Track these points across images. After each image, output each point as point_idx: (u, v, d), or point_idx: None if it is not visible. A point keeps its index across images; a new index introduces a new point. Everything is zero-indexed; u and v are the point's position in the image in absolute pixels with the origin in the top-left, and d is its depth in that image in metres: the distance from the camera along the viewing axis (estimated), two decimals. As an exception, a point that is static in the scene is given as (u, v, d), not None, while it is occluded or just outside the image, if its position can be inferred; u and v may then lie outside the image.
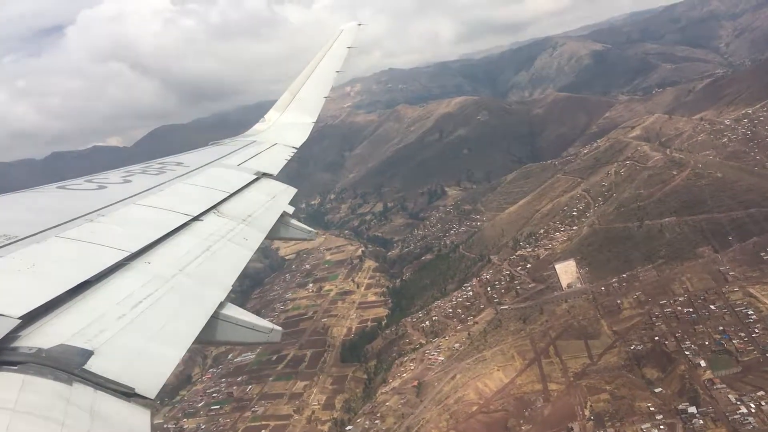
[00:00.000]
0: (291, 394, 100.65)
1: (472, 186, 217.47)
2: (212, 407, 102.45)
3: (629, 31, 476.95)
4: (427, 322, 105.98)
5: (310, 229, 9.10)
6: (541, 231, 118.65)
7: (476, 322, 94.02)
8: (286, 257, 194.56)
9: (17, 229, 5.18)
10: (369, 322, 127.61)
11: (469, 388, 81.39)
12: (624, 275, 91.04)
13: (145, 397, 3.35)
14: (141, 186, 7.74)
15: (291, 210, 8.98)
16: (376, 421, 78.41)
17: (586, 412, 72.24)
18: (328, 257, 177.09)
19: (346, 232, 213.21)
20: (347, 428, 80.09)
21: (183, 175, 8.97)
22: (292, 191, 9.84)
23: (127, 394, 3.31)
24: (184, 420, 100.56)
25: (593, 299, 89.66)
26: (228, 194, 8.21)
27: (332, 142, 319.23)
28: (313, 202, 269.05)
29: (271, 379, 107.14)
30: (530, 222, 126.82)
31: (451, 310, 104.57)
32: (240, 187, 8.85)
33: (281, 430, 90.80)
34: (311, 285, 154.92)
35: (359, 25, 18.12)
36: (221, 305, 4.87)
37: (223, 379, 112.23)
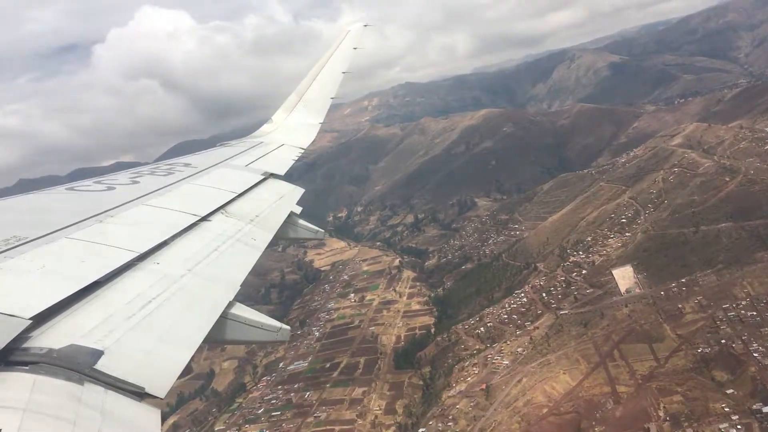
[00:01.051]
0: (351, 400, 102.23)
1: (502, 197, 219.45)
2: (273, 413, 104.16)
3: (646, 42, 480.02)
4: (482, 329, 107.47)
5: (317, 228, 9.23)
6: (589, 238, 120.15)
7: (536, 327, 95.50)
8: (321, 269, 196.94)
9: (27, 231, 5.24)
10: (417, 330, 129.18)
11: (536, 391, 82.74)
12: (683, 280, 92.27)
13: (156, 397, 3.44)
14: (149, 187, 7.84)
15: (299, 210, 9.12)
16: (449, 424, 79.91)
17: (661, 413, 73.27)
18: (366, 268, 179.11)
19: (378, 243, 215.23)
20: (420, 431, 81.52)
21: (191, 176, 9.06)
22: (299, 191, 9.95)
23: (137, 393, 3.39)
24: (246, 426, 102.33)
25: (653, 304, 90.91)
26: (236, 194, 8.30)
27: (357, 155, 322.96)
28: (339, 215, 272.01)
29: (328, 385, 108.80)
30: (576, 230, 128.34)
31: (506, 317, 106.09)
32: (247, 187, 8.95)
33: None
34: (353, 295, 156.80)
35: (365, 26, 18.32)
36: (230, 305, 4.96)
37: (279, 387, 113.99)
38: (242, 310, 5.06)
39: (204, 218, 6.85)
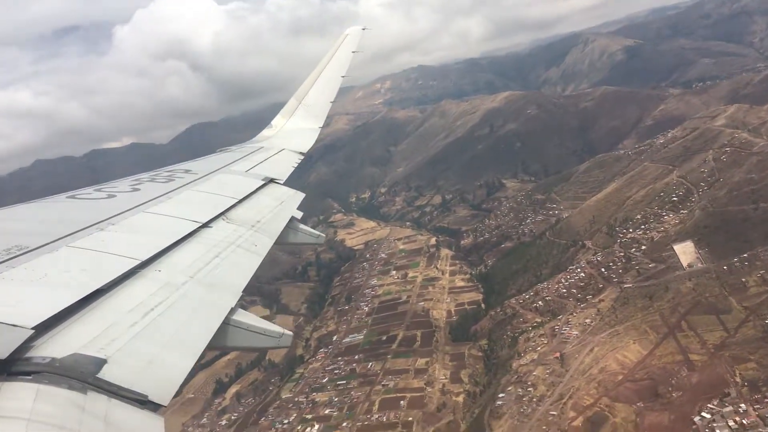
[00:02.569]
0: (415, 370, 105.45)
1: (530, 178, 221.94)
2: (338, 382, 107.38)
3: (659, 27, 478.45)
4: (540, 303, 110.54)
5: (318, 233, 9.44)
6: (638, 216, 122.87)
7: (602, 300, 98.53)
8: (354, 248, 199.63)
9: (29, 240, 5.25)
10: (466, 305, 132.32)
11: (609, 360, 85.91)
12: (744, 255, 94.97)
13: (159, 404, 3.47)
14: (150, 194, 7.87)
15: (299, 215, 9.15)
16: (529, 389, 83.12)
17: (737, 379, 76.49)
18: (402, 246, 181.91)
19: (408, 223, 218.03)
20: (499, 395, 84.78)
21: (191, 182, 9.12)
22: (300, 196, 9.99)
23: (140, 401, 3.40)
24: (314, 394, 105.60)
25: (717, 278, 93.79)
26: (236, 201, 8.35)
27: (376, 137, 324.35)
28: (363, 196, 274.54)
29: (389, 356, 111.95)
30: (622, 208, 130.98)
31: (564, 291, 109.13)
32: (248, 193, 9.00)
33: (419, 401, 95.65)
34: (394, 272, 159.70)
35: (363, 29, 18.23)
36: (232, 311, 4.99)
37: (339, 358, 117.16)
38: (244, 317, 5.10)
39: (205, 225, 6.89)
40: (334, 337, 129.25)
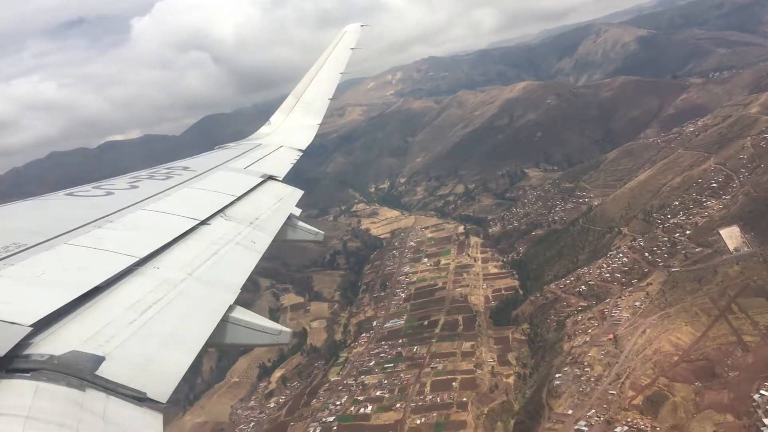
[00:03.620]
0: (462, 353, 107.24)
1: (553, 168, 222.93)
2: (385, 365, 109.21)
3: (671, 17, 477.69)
4: (583, 287, 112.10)
5: (317, 230, 9.47)
6: (676, 203, 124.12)
7: (650, 284, 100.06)
8: (381, 236, 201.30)
9: (27, 238, 5.25)
10: (503, 291, 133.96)
11: (662, 341, 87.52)
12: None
13: (157, 402, 3.51)
14: (148, 191, 7.86)
15: (298, 212, 9.23)
16: (586, 369, 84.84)
17: (794, 359, 78.10)
18: (430, 235, 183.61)
19: (431, 212, 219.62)
20: (555, 375, 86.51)
21: (190, 179, 9.13)
22: (298, 193, 10.08)
23: (139, 398, 3.44)
24: (362, 377, 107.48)
25: (764, 261, 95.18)
26: (235, 198, 8.35)
27: (393, 128, 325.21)
28: (382, 186, 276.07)
29: (434, 340, 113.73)
30: (658, 195, 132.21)
31: (608, 275, 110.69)
32: (247, 190, 9.02)
33: (470, 382, 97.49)
34: (426, 260, 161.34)
35: (362, 26, 18.28)
36: (231, 308, 5.01)
37: (382, 342, 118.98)
38: (243, 314, 5.11)
39: (203, 222, 6.91)
40: (374, 323, 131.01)
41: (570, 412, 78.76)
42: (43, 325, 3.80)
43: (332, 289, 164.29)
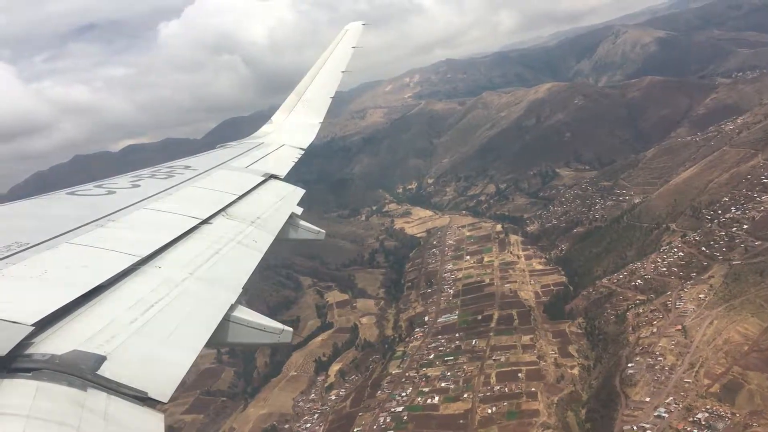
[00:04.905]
0: (522, 345, 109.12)
1: (584, 167, 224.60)
2: (446, 358, 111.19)
3: (689, 18, 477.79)
4: (639, 281, 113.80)
5: (318, 229, 9.39)
6: (726, 198, 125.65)
7: (711, 276, 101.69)
8: (416, 235, 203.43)
9: (29, 236, 5.26)
10: (551, 286, 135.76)
11: (731, 332, 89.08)
12: None
13: (159, 401, 3.52)
14: (150, 190, 7.86)
15: (299, 211, 9.17)
16: (659, 359, 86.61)
17: None
18: (468, 233, 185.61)
19: (464, 211, 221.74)
20: (629, 365, 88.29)
21: (191, 178, 9.13)
22: (299, 192, 10.05)
23: (140, 398, 3.46)
24: (424, 369, 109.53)
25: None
26: (236, 197, 8.35)
27: (417, 129, 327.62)
28: (409, 187, 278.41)
29: (491, 334, 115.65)
30: (705, 191, 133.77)
31: (665, 269, 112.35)
32: (248, 189, 9.03)
33: (536, 373, 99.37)
34: (468, 257, 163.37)
35: (364, 24, 18.18)
36: (232, 307, 5.03)
37: (439, 336, 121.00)
38: (245, 313, 5.14)
39: (205, 221, 6.93)
40: (426, 318, 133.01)
41: (647, 399, 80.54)
42: (45, 324, 3.80)
43: (376, 287, 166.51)
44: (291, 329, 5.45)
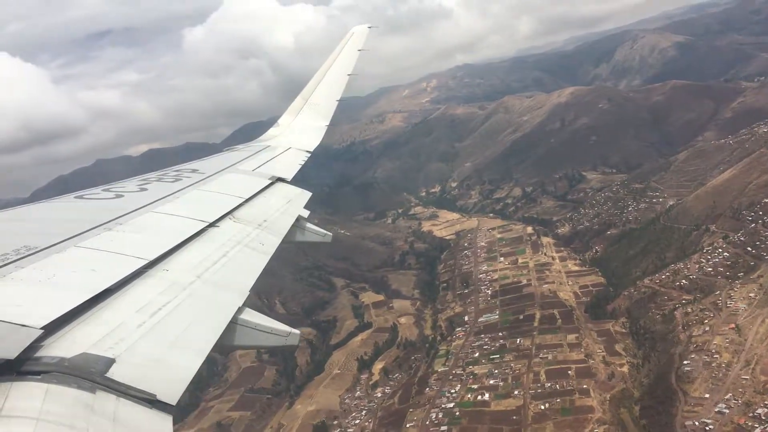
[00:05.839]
0: (568, 344, 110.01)
1: (611, 170, 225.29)
2: (491, 357, 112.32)
3: (708, 23, 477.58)
4: (683, 281, 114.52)
5: (325, 232, 9.35)
6: (766, 200, 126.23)
7: (760, 276, 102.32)
8: (445, 238, 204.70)
9: (37, 240, 5.31)
10: (590, 287, 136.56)
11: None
12: None
13: (167, 404, 3.54)
14: (157, 194, 7.90)
15: (306, 214, 9.15)
16: (714, 357, 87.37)
17: None
18: (499, 235, 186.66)
19: (491, 214, 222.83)
20: (684, 362, 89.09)
21: (198, 182, 9.17)
22: (306, 195, 10.00)
23: (149, 401, 3.48)
24: (470, 367, 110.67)
25: None
26: (243, 200, 8.39)
27: (439, 134, 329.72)
28: (433, 190, 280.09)
29: (535, 333, 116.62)
30: (744, 193, 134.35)
31: (710, 269, 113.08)
32: (255, 192, 9.05)
33: (586, 371, 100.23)
34: (502, 258, 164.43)
35: (370, 27, 18.25)
36: (239, 310, 5.09)
37: (481, 335, 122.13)
38: (252, 316, 5.17)
39: (212, 224, 6.97)
40: (465, 318, 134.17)
41: (707, 396, 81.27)
42: (54, 327, 3.84)
43: (410, 288, 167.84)
44: (298, 332, 5.43)
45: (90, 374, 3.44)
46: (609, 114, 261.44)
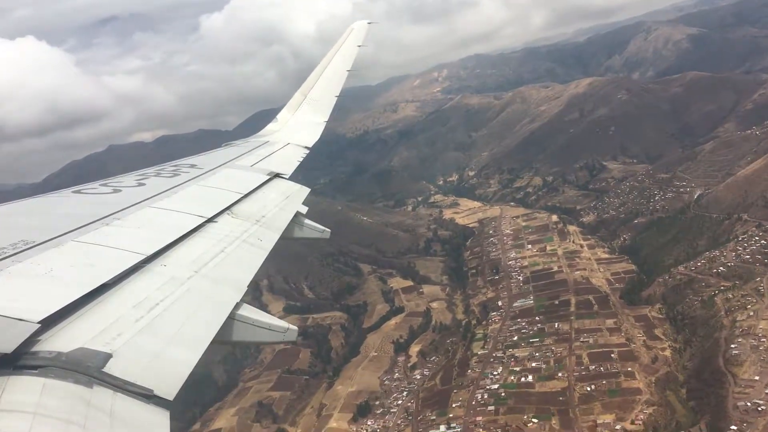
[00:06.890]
0: (607, 329, 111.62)
1: (632, 161, 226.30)
2: (530, 340, 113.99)
3: (722, 15, 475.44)
4: (721, 268, 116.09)
5: (323, 228, 9.36)
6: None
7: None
8: (468, 225, 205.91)
9: (35, 235, 5.29)
10: (622, 274, 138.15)
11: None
12: None
13: (164, 399, 3.54)
14: (155, 189, 7.87)
15: (305, 210, 9.18)
16: (762, 340, 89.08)
17: None
18: (524, 223, 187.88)
19: (512, 203, 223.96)
20: (731, 346, 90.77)
21: (196, 177, 9.15)
22: (305, 191, 10.03)
23: (146, 395, 3.47)
24: (510, 350, 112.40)
25: None
26: (241, 195, 8.37)
27: (455, 123, 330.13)
28: (450, 179, 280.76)
29: (573, 318, 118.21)
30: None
31: (748, 256, 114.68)
32: (253, 188, 9.03)
33: (629, 354, 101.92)
34: (530, 246, 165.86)
35: (369, 23, 18.14)
36: (237, 306, 5.12)
37: (518, 320, 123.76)
38: (250, 311, 5.18)
39: (210, 219, 6.96)
40: (499, 303, 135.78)
41: (757, 378, 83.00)
42: (51, 322, 3.83)
43: (438, 273, 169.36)
44: (296, 328, 5.50)
45: (87, 369, 3.44)
46: (628, 105, 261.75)
